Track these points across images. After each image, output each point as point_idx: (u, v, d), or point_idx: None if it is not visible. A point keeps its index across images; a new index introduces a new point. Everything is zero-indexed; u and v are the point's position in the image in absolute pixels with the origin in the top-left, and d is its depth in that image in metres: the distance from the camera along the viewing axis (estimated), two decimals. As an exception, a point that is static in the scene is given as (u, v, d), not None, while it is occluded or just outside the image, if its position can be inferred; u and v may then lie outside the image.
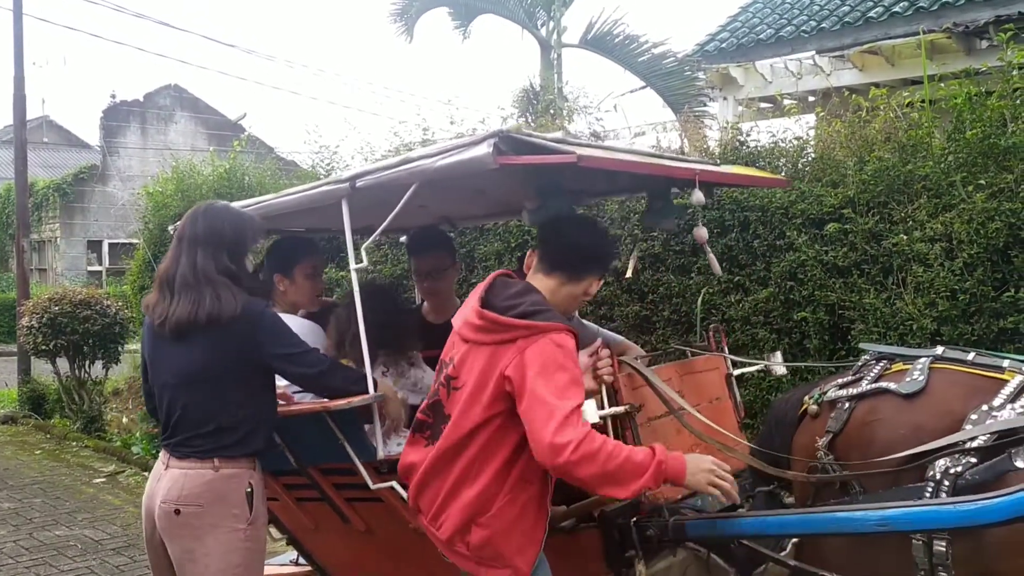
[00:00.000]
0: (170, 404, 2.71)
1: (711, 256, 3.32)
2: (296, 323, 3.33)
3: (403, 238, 4.22)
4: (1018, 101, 4.17)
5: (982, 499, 2.12)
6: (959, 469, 2.27)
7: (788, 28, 9.66)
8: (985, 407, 2.33)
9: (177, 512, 2.60)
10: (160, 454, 2.77)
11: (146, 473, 7.26)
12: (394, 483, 2.87)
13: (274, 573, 3.92)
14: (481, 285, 2.55)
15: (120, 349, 9.48)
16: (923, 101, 5.04)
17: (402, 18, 11.97)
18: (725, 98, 9.40)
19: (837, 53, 8.76)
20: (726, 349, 3.61)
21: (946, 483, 2.27)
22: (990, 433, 2.28)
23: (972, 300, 4.08)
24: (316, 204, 3.10)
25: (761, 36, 9.74)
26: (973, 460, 2.27)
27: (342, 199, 2.93)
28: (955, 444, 2.31)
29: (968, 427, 2.32)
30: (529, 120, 8.31)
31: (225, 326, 2.61)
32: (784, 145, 5.14)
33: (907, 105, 4.80)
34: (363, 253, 2.90)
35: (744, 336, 4.86)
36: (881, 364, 2.73)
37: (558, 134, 3.70)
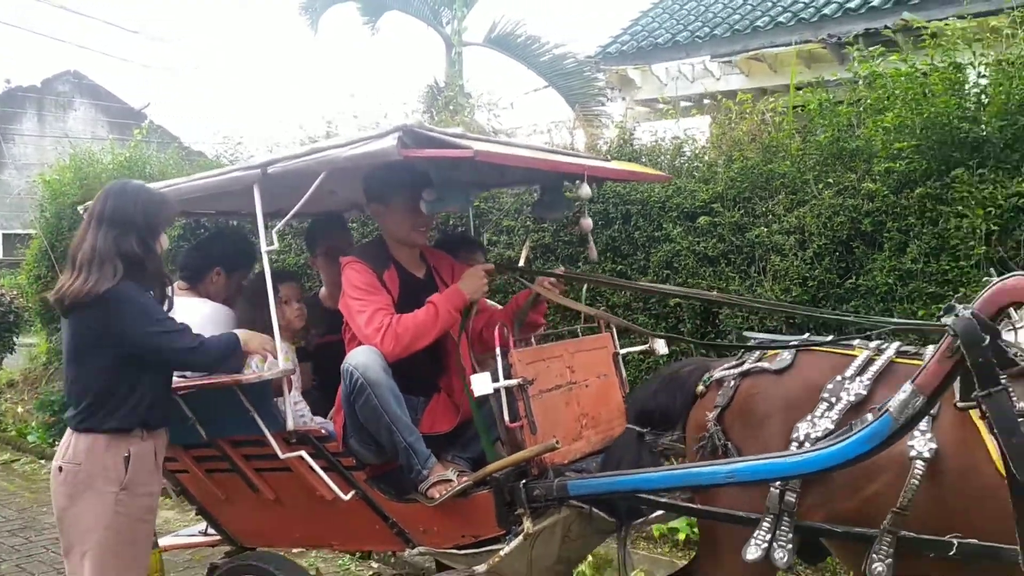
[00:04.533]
0: (65, 377, 2.89)
1: (591, 244, 3.61)
2: (209, 307, 3.54)
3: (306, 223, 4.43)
4: (861, 108, 4.64)
5: (804, 452, 2.47)
6: (816, 433, 2.60)
7: (684, 33, 10.16)
8: (839, 378, 2.67)
9: (60, 469, 2.80)
10: None
11: (42, 460, 7.21)
12: (303, 452, 3.09)
13: (182, 543, 4.08)
14: None
15: (15, 340, 9.29)
16: (796, 107, 5.50)
17: (308, 12, 12.03)
18: (624, 98, 9.82)
19: (727, 59, 9.29)
20: (614, 330, 3.78)
21: (807, 444, 2.59)
22: (846, 402, 2.62)
23: (820, 286, 4.54)
24: (228, 188, 3.22)
25: (659, 40, 10.22)
26: (830, 426, 2.58)
27: (253, 184, 3.08)
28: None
29: (824, 393, 2.66)
30: (433, 115, 8.53)
31: (95, 305, 2.74)
32: (663, 144, 5.53)
33: (772, 110, 5.23)
34: (274, 236, 3.05)
35: (626, 320, 5.22)
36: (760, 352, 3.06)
37: (458, 129, 3.96)
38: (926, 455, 2.38)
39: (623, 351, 3.77)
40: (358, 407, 3.05)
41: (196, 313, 3.38)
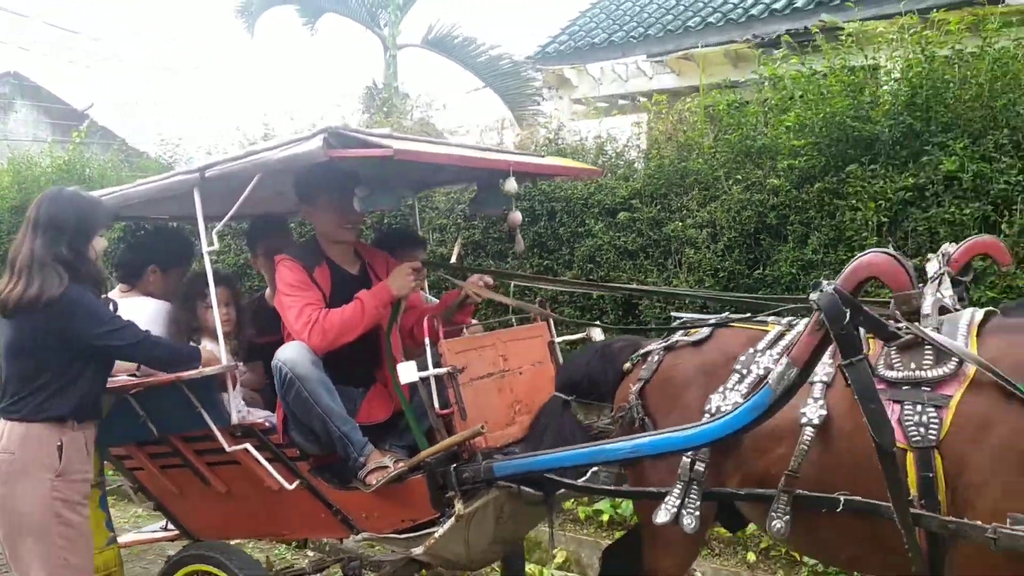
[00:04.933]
0: (2, 371, 3.03)
1: (519, 238, 3.74)
2: (153, 304, 3.67)
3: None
4: (766, 109, 4.91)
5: (697, 426, 2.59)
6: (727, 406, 2.69)
7: (619, 33, 10.42)
8: (751, 350, 2.79)
9: None
10: None
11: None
12: (248, 445, 3.22)
13: (142, 539, 4.21)
14: None
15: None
16: (708, 107, 5.76)
17: (244, 15, 12.05)
18: (561, 97, 10.05)
19: (659, 58, 9.56)
20: (551, 320, 3.91)
21: (717, 415, 2.64)
22: (756, 375, 2.72)
23: (731, 277, 4.80)
24: (170, 193, 3.33)
25: (595, 40, 10.46)
26: (739, 399, 2.66)
27: (193, 188, 3.19)
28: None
29: (737, 365, 2.78)
30: (371, 116, 8.66)
31: (45, 308, 2.91)
32: (587, 144, 5.75)
33: (688, 110, 5.49)
34: (214, 236, 3.18)
35: (553, 313, 5.43)
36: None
37: (385, 130, 4.11)
38: (815, 421, 2.49)
39: (559, 340, 3.88)
40: (290, 400, 3.18)
41: (141, 312, 3.51)
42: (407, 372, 3.05)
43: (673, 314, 3.75)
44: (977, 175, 4.09)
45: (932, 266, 2.76)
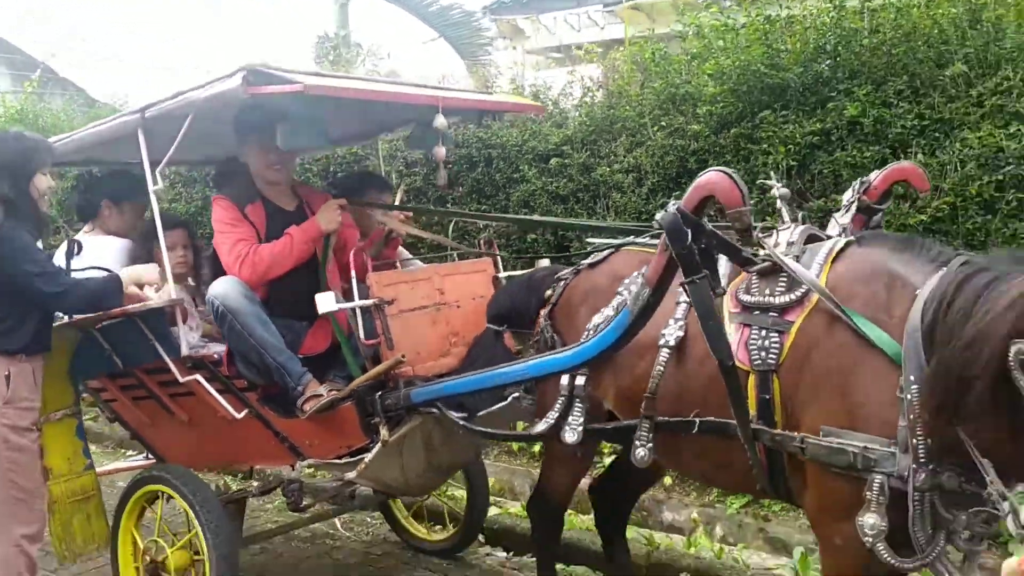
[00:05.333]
0: None
1: (442, 171, 3.71)
2: (117, 243, 3.83)
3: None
4: (689, 57, 5.10)
5: (571, 348, 2.78)
6: (601, 324, 2.81)
7: (574, -17, 10.50)
8: (635, 274, 2.77)
9: None
10: None
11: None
12: (198, 376, 3.40)
13: (122, 467, 4.51)
14: None
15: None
16: (654, 54, 5.93)
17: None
18: (515, 48, 10.16)
19: (611, 8, 9.69)
20: (499, 257, 4.05)
21: (593, 334, 2.80)
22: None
23: (653, 218, 5.03)
24: (116, 134, 3.48)
25: (551, -11, 10.55)
26: (611, 316, 2.74)
27: (137, 128, 3.34)
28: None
29: (620, 287, 2.86)
30: (324, 66, 8.73)
31: None
32: (524, 92, 5.92)
33: (622, 59, 5.66)
34: (158, 176, 3.33)
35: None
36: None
37: (312, 70, 4.19)
38: (672, 343, 2.57)
39: (504, 275, 3.98)
40: (226, 332, 3.36)
41: (104, 250, 3.70)
42: (325, 302, 3.20)
43: (587, 240, 3.88)
44: (877, 120, 4.33)
45: (847, 195, 2.82)
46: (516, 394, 3.43)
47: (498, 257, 4.07)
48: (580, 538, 4.22)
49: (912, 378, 2.06)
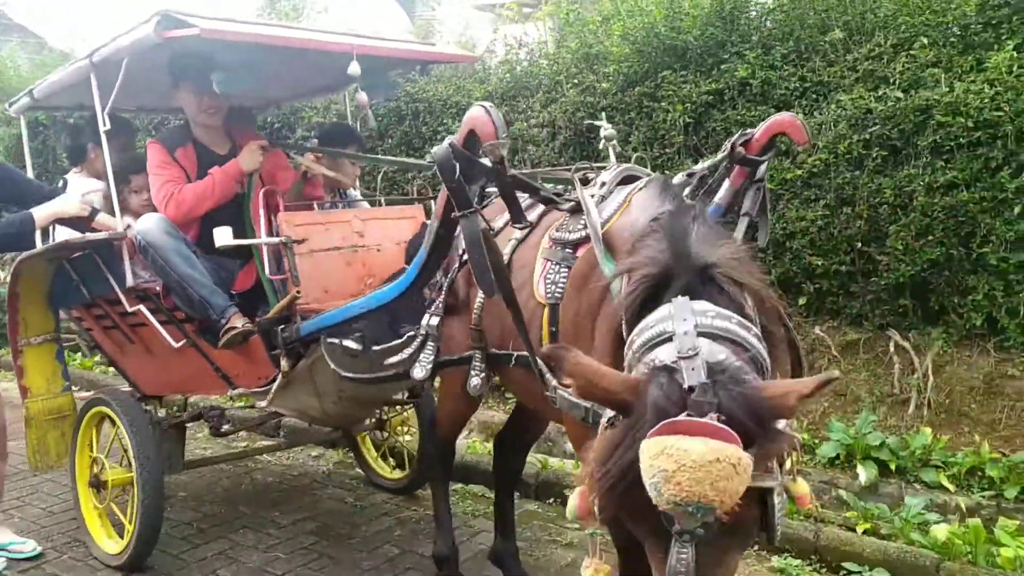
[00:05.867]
0: None
1: (369, 114, 3.86)
2: (89, 184, 4.08)
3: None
4: (601, 19, 5.40)
5: (386, 285, 3.01)
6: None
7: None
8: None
9: None
10: None
11: None
12: (142, 307, 3.64)
13: None
14: None
15: None
16: (568, 15, 6.22)
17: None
18: (461, 2, 10.33)
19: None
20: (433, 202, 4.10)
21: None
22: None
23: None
24: (74, 80, 3.70)
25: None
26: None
27: (89, 73, 3.53)
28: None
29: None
30: (277, 18, 8.89)
31: None
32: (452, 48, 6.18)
33: (539, 18, 5.95)
34: (106, 117, 3.51)
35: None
36: None
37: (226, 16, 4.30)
38: None
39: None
40: (151, 267, 3.55)
41: (86, 189, 3.90)
42: (222, 236, 3.40)
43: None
44: (764, 82, 4.68)
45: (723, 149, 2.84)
46: (411, 332, 3.71)
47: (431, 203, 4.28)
48: (479, 460, 4.60)
49: None
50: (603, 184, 2.49)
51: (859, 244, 4.42)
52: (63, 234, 3.84)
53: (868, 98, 4.36)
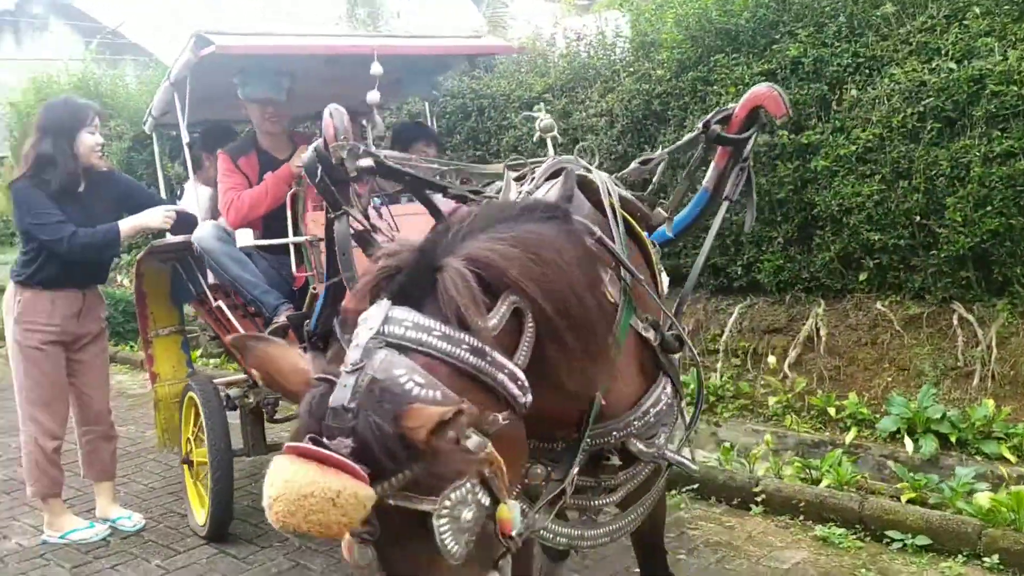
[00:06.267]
0: None
1: (376, 117, 3.92)
2: (201, 191, 4.39)
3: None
4: (655, 6, 5.48)
5: None
6: None
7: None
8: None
9: None
10: None
11: None
12: (221, 302, 3.99)
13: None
14: None
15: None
16: (622, 5, 6.32)
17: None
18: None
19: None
20: None
21: None
22: None
23: (624, 158, 5.49)
24: (167, 98, 4.12)
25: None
26: None
27: (173, 93, 3.95)
28: None
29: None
30: (354, 28, 9.30)
31: (8, 196, 3.83)
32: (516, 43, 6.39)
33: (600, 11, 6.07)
34: (186, 131, 3.96)
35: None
36: None
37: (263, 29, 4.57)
38: None
39: None
40: (210, 270, 3.92)
41: (197, 196, 4.27)
42: (243, 237, 3.69)
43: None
44: (816, 59, 4.68)
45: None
46: None
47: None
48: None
49: None
50: (532, 179, 2.34)
51: (917, 217, 4.39)
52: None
53: (921, 70, 4.32)
